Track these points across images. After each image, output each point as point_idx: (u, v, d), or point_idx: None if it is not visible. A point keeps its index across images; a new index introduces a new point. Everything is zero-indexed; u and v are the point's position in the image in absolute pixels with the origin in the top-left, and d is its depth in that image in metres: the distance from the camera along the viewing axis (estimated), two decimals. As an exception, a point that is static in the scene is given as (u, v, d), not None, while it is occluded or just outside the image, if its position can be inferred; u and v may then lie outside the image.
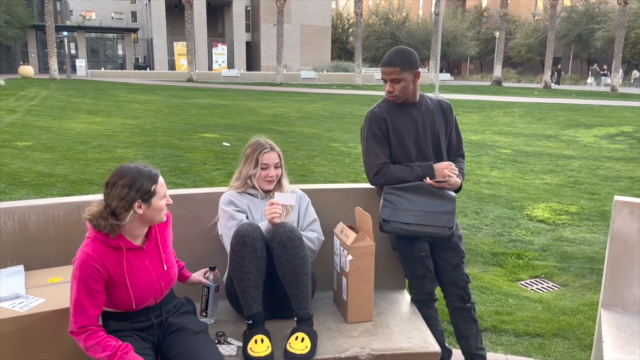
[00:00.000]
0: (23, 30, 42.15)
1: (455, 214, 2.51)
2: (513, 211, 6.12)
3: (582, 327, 3.33)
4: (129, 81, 34.50)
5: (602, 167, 9.01)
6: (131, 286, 1.89)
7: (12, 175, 7.08)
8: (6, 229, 2.28)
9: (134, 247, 1.93)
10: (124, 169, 1.88)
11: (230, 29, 48.91)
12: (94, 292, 1.82)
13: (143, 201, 1.86)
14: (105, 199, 1.87)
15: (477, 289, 3.89)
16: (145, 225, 1.96)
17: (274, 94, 25.70)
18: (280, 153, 2.52)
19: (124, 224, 1.87)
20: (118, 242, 1.88)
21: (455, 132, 2.68)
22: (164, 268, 2.01)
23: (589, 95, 29.42)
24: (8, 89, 23.89)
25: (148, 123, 13.34)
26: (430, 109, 2.59)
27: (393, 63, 2.44)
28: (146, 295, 1.95)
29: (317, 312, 2.46)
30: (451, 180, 2.47)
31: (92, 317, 1.82)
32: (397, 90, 2.48)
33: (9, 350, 1.84)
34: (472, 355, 2.57)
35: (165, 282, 2.02)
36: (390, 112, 2.57)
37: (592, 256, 4.67)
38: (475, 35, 55.28)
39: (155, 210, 1.91)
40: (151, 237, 2.00)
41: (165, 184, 1.97)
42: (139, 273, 1.93)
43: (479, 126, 14.57)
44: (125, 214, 1.85)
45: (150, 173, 1.90)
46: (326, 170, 8.09)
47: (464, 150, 2.73)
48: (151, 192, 1.87)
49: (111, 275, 1.86)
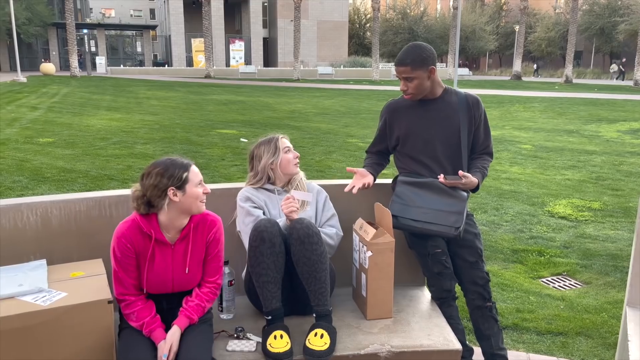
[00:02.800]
0: (44, 28, 42.80)
1: (467, 213, 2.47)
2: (534, 207, 6.02)
3: (606, 325, 3.27)
4: (148, 78, 34.84)
5: (626, 162, 8.83)
6: (146, 274, 2.00)
7: (34, 171, 7.20)
8: (29, 223, 2.31)
9: (163, 241, 2.01)
10: (158, 161, 1.99)
11: (247, 25, 49.05)
12: (126, 265, 1.99)
13: (177, 188, 1.95)
14: (142, 189, 1.98)
15: (497, 286, 3.84)
16: (183, 215, 2.01)
17: (291, 90, 25.71)
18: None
19: (161, 211, 1.97)
20: (150, 230, 1.99)
21: (484, 128, 2.59)
22: (185, 271, 2.05)
23: (612, 89, 28.87)
24: (30, 86, 24.30)
25: (166, 119, 13.45)
26: (453, 104, 2.53)
27: (404, 62, 2.41)
28: (156, 287, 2.03)
29: (336, 308, 2.45)
30: (465, 181, 2.42)
31: (130, 286, 1.99)
32: (411, 88, 2.45)
33: (31, 343, 1.86)
34: (493, 355, 2.53)
35: (180, 284, 2.07)
36: (406, 108, 2.55)
37: (616, 253, 4.58)
38: (495, 29, 54.57)
39: (192, 197, 1.98)
40: (184, 237, 2.05)
41: (199, 172, 2.03)
42: (158, 266, 2.01)
43: (498, 121, 14.39)
44: (160, 202, 1.95)
45: (182, 162, 1.99)
46: (343, 166, 8.06)
47: (492, 148, 2.64)
48: (183, 179, 1.95)
49: (137, 256, 2.00)
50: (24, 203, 2.31)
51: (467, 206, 2.49)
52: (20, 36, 38.87)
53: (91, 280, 2.10)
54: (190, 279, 2.10)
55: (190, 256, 2.06)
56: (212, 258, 2.14)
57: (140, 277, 2.02)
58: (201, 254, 2.11)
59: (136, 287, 2.02)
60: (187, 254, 2.05)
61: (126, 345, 1.97)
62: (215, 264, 2.15)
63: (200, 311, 2.08)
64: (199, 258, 2.10)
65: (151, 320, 1.99)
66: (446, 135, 2.52)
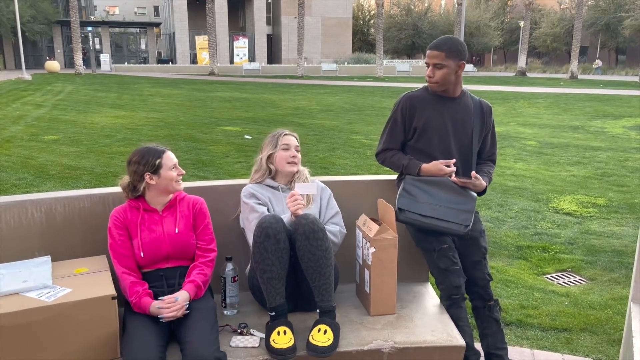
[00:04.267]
0: (49, 26, 42.87)
1: (475, 211, 2.47)
2: (538, 204, 6.00)
3: (610, 321, 3.26)
4: (152, 75, 34.88)
5: (631, 158, 8.78)
6: (141, 238, 2.21)
7: (39, 168, 7.23)
8: (34, 220, 2.32)
9: (150, 209, 2.27)
10: (136, 150, 2.28)
11: (251, 22, 48.99)
12: (118, 236, 2.20)
13: (153, 173, 2.22)
14: (127, 177, 2.27)
15: (501, 282, 3.83)
16: (163, 194, 2.28)
17: (295, 87, 25.69)
18: (298, 137, 2.57)
19: (142, 193, 2.26)
20: (138, 204, 2.27)
21: (491, 136, 2.64)
22: (175, 231, 2.25)
23: (617, 85, 28.70)
24: (35, 84, 24.38)
25: (171, 116, 13.47)
26: (469, 108, 2.54)
27: (440, 47, 2.42)
28: (152, 252, 2.20)
29: (339, 304, 2.45)
30: (476, 182, 2.44)
31: (126, 258, 2.18)
32: (437, 76, 2.44)
33: (36, 339, 1.87)
34: (490, 355, 2.51)
35: (173, 244, 2.24)
36: (425, 102, 2.53)
37: (621, 250, 4.56)
38: (499, 25, 54.31)
39: (166, 179, 2.24)
40: (170, 207, 2.31)
41: (173, 157, 2.27)
42: (150, 229, 2.24)
43: (503, 117, 14.33)
44: (141, 185, 2.23)
45: (156, 149, 2.25)
46: (347, 163, 8.05)
47: (496, 156, 2.70)
48: (157, 165, 2.21)
49: (129, 227, 2.22)
50: (29, 200, 2.32)
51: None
52: (25, 34, 38.97)
53: (95, 276, 2.11)
54: (182, 243, 2.25)
55: (178, 219, 2.28)
56: (203, 230, 2.32)
57: (134, 246, 2.21)
58: (188, 219, 2.31)
59: (132, 262, 2.20)
60: (175, 217, 2.29)
61: (130, 337, 1.98)
62: (207, 236, 2.33)
63: (202, 277, 2.23)
64: (187, 222, 2.29)
65: (140, 290, 2.12)
66: (460, 136, 2.53)
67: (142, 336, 1.97)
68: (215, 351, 1.96)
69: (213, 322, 2.12)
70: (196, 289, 2.19)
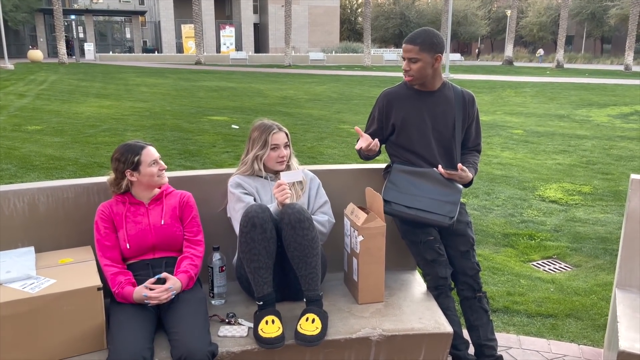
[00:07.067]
0: (31, 15, 42.11)
1: (461, 202, 2.47)
2: (525, 192, 6.05)
3: (595, 307, 3.30)
4: (138, 64, 34.46)
5: (616, 146, 8.88)
6: (126, 229, 2.22)
7: (23, 159, 7.12)
8: (16, 211, 2.28)
9: (136, 202, 2.29)
10: (118, 146, 2.28)
11: (238, 10, 48.54)
12: (103, 229, 2.21)
13: (133, 170, 2.23)
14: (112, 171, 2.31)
15: (488, 269, 3.86)
16: (147, 188, 2.29)
17: (282, 76, 25.55)
18: (288, 132, 2.51)
19: (126, 188, 2.27)
20: (125, 198, 2.29)
21: (475, 126, 2.62)
22: (160, 222, 2.26)
23: (603, 74, 28.95)
24: (17, 73, 23.97)
25: (157, 106, 13.33)
26: (450, 100, 2.53)
27: (414, 41, 2.40)
28: (139, 240, 2.21)
29: (327, 293, 2.45)
30: (462, 174, 2.44)
31: (110, 250, 2.18)
32: (413, 70, 2.43)
33: (20, 330, 1.84)
34: (481, 346, 2.51)
35: (159, 235, 2.24)
36: (402, 98, 2.53)
37: (606, 236, 4.62)
38: (486, 14, 54.41)
39: (147, 175, 2.24)
40: (157, 200, 2.31)
41: (153, 153, 2.26)
42: (135, 222, 2.24)
43: (489, 106, 14.40)
44: (122, 181, 2.25)
45: (135, 146, 2.25)
46: (335, 152, 8.04)
47: (481, 146, 2.69)
48: (136, 162, 2.22)
49: (114, 219, 2.24)
50: (11, 190, 2.28)
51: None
52: (7, 23, 38.21)
53: (80, 266, 2.09)
54: (168, 234, 2.25)
55: (164, 211, 2.29)
56: (190, 222, 2.33)
57: (119, 238, 2.21)
58: (175, 211, 2.31)
59: (118, 254, 2.20)
60: (162, 209, 2.29)
61: (115, 328, 1.96)
62: (195, 227, 2.33)
63: (194, 269, 2.23)
64: (173, 214, 2.30)
65: (123, 281, 2.12)
66: (441, 129, 2.52)
67: (128, 327, 1.95)
68: (207, 345, 1.95)
69: (204, 314, 2.11)
70: (188, 279, 2.19)
